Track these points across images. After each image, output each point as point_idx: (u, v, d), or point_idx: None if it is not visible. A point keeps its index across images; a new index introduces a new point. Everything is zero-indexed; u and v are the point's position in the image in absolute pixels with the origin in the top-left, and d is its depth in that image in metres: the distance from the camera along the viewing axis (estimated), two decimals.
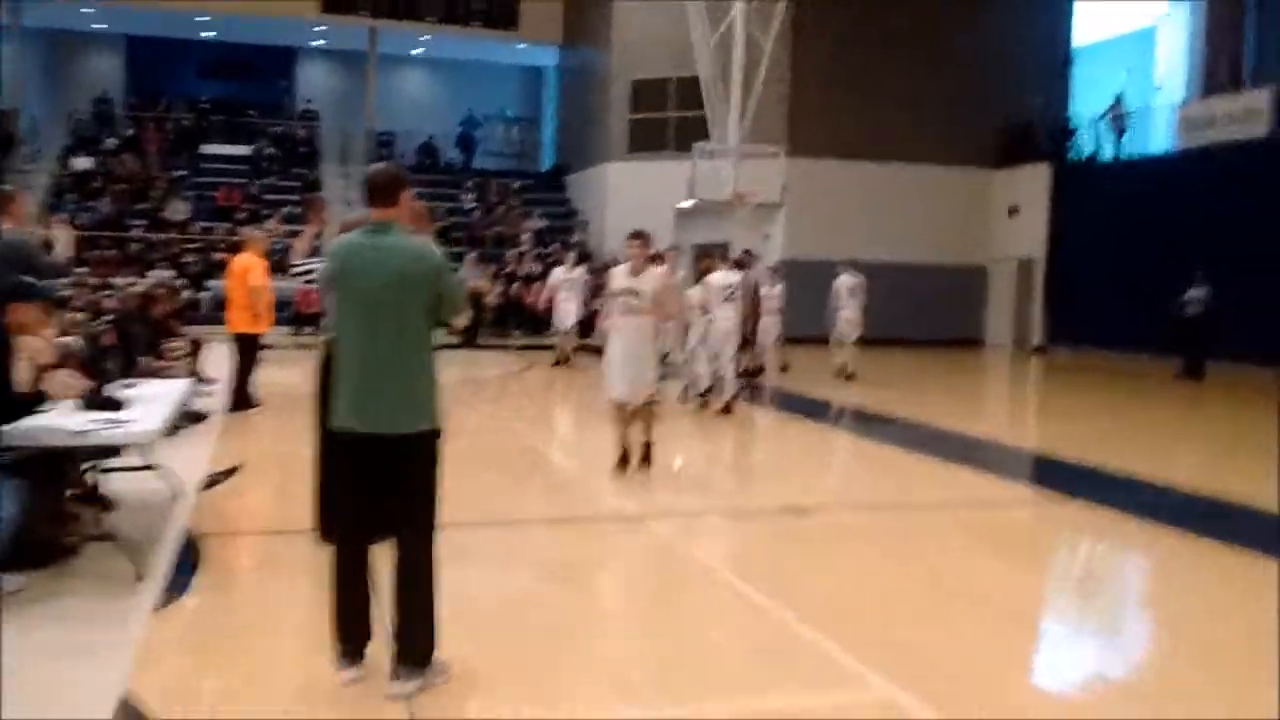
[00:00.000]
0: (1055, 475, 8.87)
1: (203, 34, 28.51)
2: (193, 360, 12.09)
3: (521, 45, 28.95)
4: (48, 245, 6.71)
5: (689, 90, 22.45)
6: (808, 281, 21.65)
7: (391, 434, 3.79)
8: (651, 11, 23.60)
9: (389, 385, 3.80)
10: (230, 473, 7.60)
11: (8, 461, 4.57)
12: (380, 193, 3.89)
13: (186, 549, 5.64)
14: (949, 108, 23.38)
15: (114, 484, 6.31)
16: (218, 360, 11.86)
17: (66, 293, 7.95)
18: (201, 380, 11.97)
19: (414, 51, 30.16)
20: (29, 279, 4.85)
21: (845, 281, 16.05)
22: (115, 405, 5.29)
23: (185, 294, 21.10)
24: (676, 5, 21.28)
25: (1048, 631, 5.12)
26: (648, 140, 24.14)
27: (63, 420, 4.86)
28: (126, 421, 4.92)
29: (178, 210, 24.07)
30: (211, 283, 21.79)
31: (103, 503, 5.81)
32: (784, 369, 16.05)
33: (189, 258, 22.64)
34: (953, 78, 23.36)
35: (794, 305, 17.33)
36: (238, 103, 28.71)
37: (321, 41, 29.63)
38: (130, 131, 26.81)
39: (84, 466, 5.50)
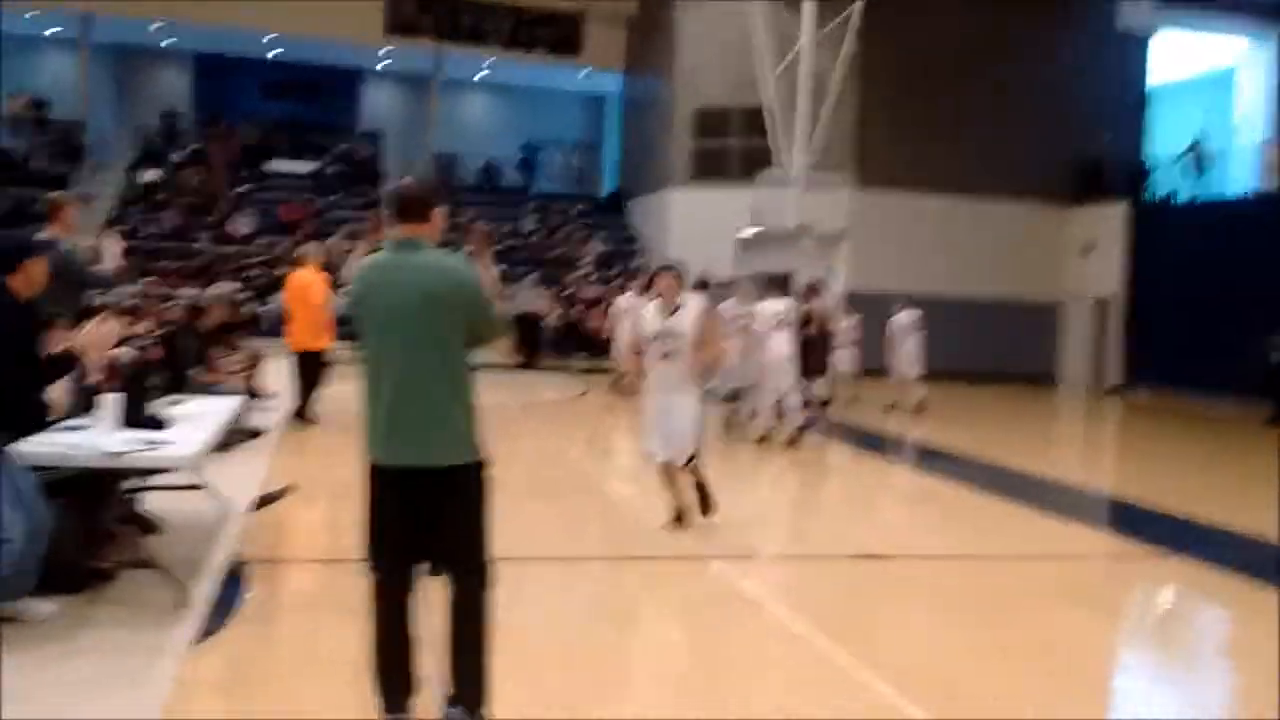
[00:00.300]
0: (1140, 524, 8.28)
1: (269, 53, 28.75)
2: (251, 375, 11.90)
3: (584, 72, 28.87)
4: (96, 256, 6.44)
5: (752, 119, 22.13)
6: (871, 314, 21.21)
7: (426, 467, 3.46)
8: (715, 40, 23.35)
9: (422, 415, 3.47)
10: (282, 494, 7.31)
11: (40, 482, 4.28)
12: (410, 208, 3.56)
13: (232, 576, 5.33)
14: (1020, 142, 22.81)
15: (159, 504, 6.03)
16: (279, 375, 11.66)
17: (132, 302, 7.75)
18: (258, 395, 11.79)
19: (477, 76, 30.19)
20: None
21: (902, 319, 15.65)
22: (157, 424, 5.00)
23: (247, 308, 21.21)
24: (742, 34, 21.01)
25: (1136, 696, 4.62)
26: (710, 168, 23.84)
27: (99, 439, 4.57)
28: (166, 443, 4.62)
29: (242, 224, 24.18)
30: (274, 297, 21.82)
31: (143, 525, 5.51)
32: (852, 401, 15.61)
33: (253, 271, 22.68)
34: (1024, 111, 22.81)
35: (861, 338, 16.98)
36: (302, 123, 28.88)
37: (386, 64, 29.76)
38: (197, 146, 27.04)
39: (125, 487, 5.19)
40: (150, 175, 25.06)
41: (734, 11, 21.55)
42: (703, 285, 12.49)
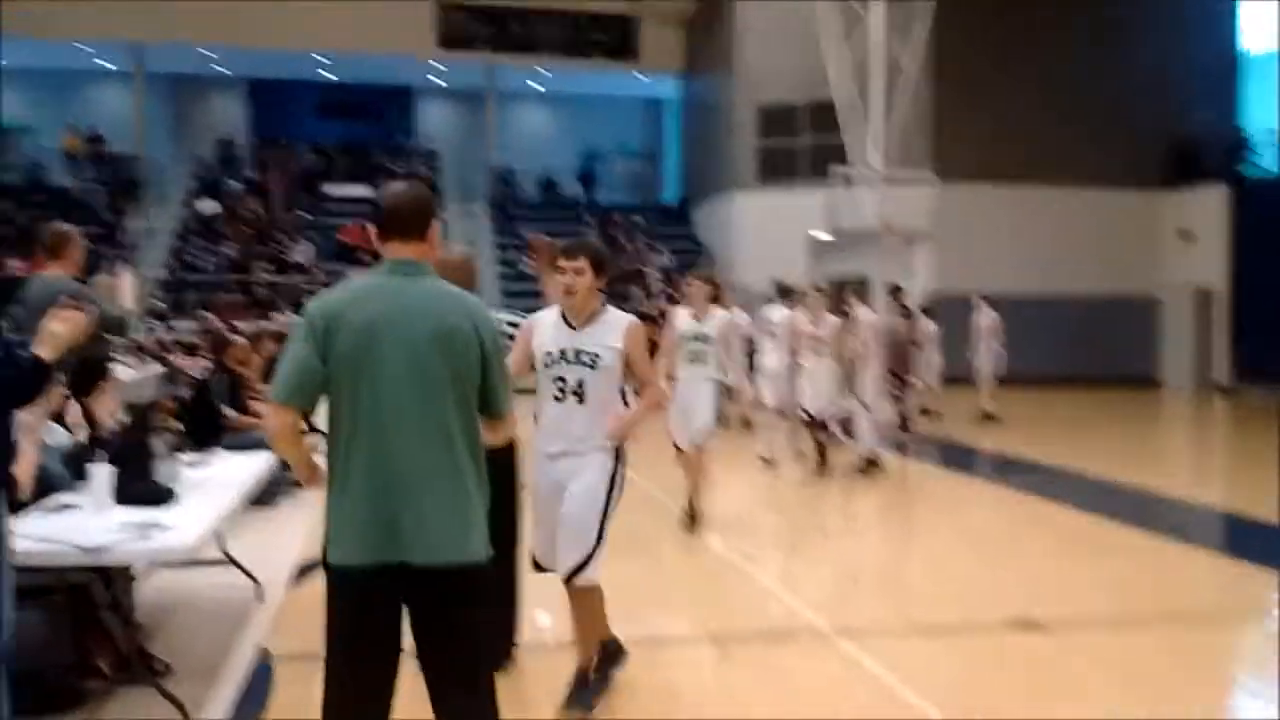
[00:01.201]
0: None
1: (322, 75, 28.35)
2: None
3: (642, 77, 28.00)
4: (110, 296, 5.68)
5: (821, 115, 21.05)
6: (956, 317, 20.00)
7: (429, 565, 2.62)
8: (779, 34, 22.29)
9: (426, 494, 2.63)
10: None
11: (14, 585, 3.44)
12: (404, 221, 2.75)
13: (259, 674, 4.47)
14: (1106, 125, 21.42)
15: (178, 581, 5.21)
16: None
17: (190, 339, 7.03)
18: (312, 433, 11.04)
19: (532, 87, 29.50)
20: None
21: (981, 320, 14.64)
22: (159, 498, 4.16)
23: None
24: (805, 28, 19.94)
25: None
26: (777, 169, 22.78)
27: (81, 525, 3.72)
28: (163, 527, 3.75)
29: (301, 252, 23.70)
30: None
31: (136, 625, 4.66)
32: (931, 413, 14.51)
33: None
34: (1110, 92, 21.42)
35: (941, 343, 15.90)
36: (358, 143, 28.44)
37: (439, 80, 29.22)
38: (253, 174, 26.69)
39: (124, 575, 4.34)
40: (207, 206, 24.71)
41: (798, 3, 20.49)
42: (785, 292, 11.53)
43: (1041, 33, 21.23)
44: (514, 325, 4.59)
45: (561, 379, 4.02)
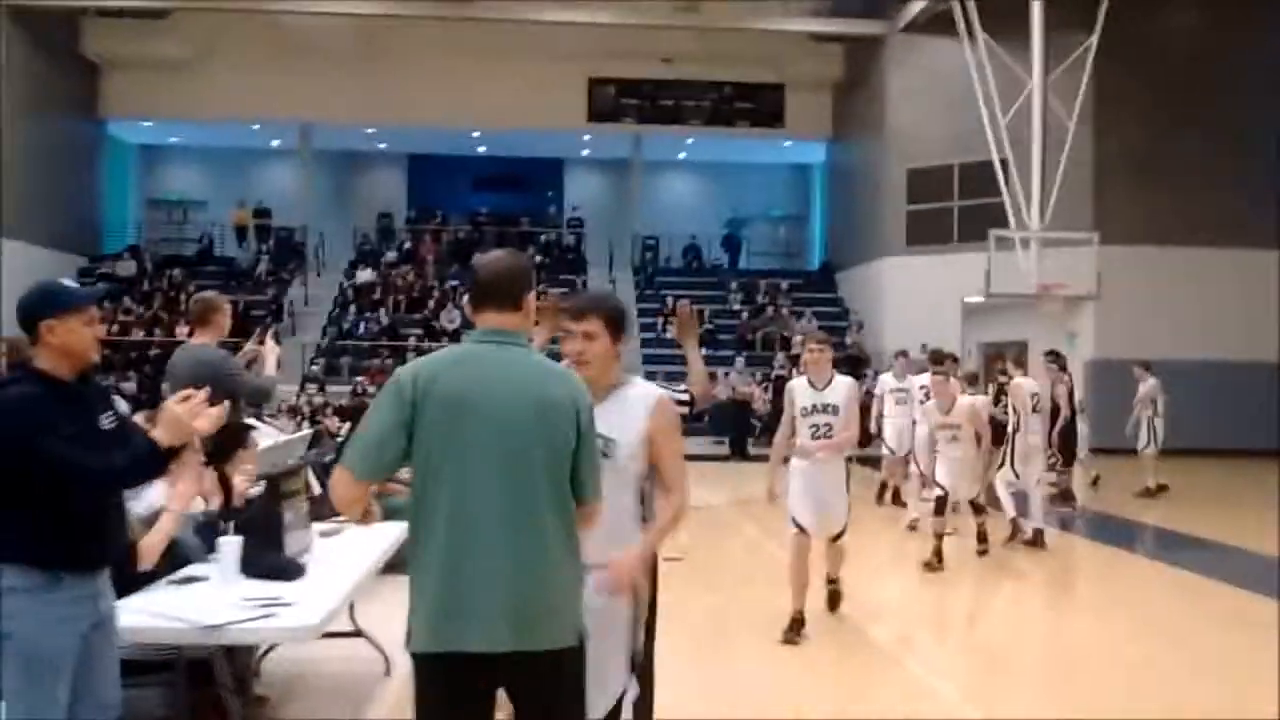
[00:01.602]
0: None
1: (477, 150, 29.24)
2: None
3: (788, 143, 27.89)
4: (250, 363, 5.73)
5: (973, 177, 20.49)
6: (1118, 385, 18.96)
7: (528, 652, 2.47)
8: (928, 96, 21.86)
9: (525, 576, 2.49)
10: None
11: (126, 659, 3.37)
12: (498, 290, 2.65)
13: None
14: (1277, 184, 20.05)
15: (306, 652, 5.11)
16: None
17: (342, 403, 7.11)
18: None
19: (678, 155, 29.74)
20: None
21: (1150, 386, 13.74)
22: (287, 573, 4.06)
23: None
24: (956, 89, 19.46)
25: None
26: (927, 232, 22.19)
27: (205, 601, 3.63)
28: (285, 605, 3.63)
29: (451, 319, 24.26)
30: None
31: (259, 700, 4.56)
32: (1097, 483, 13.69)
33: None
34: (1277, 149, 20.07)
35: (1104, 412, 15.03)
36: (509, 214, 29.12)
37: (587, 151, 29.76)
38: (409, 244, 27.58)
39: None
40: (364, 275, 25.61)
41: (949, 65, 20.06)
42: (938, 359, 10.99)
43: (1207, 89, 20.12)
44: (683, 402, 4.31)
45: None
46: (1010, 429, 9.95)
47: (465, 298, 2.77)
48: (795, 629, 6.23)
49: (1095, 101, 19.00)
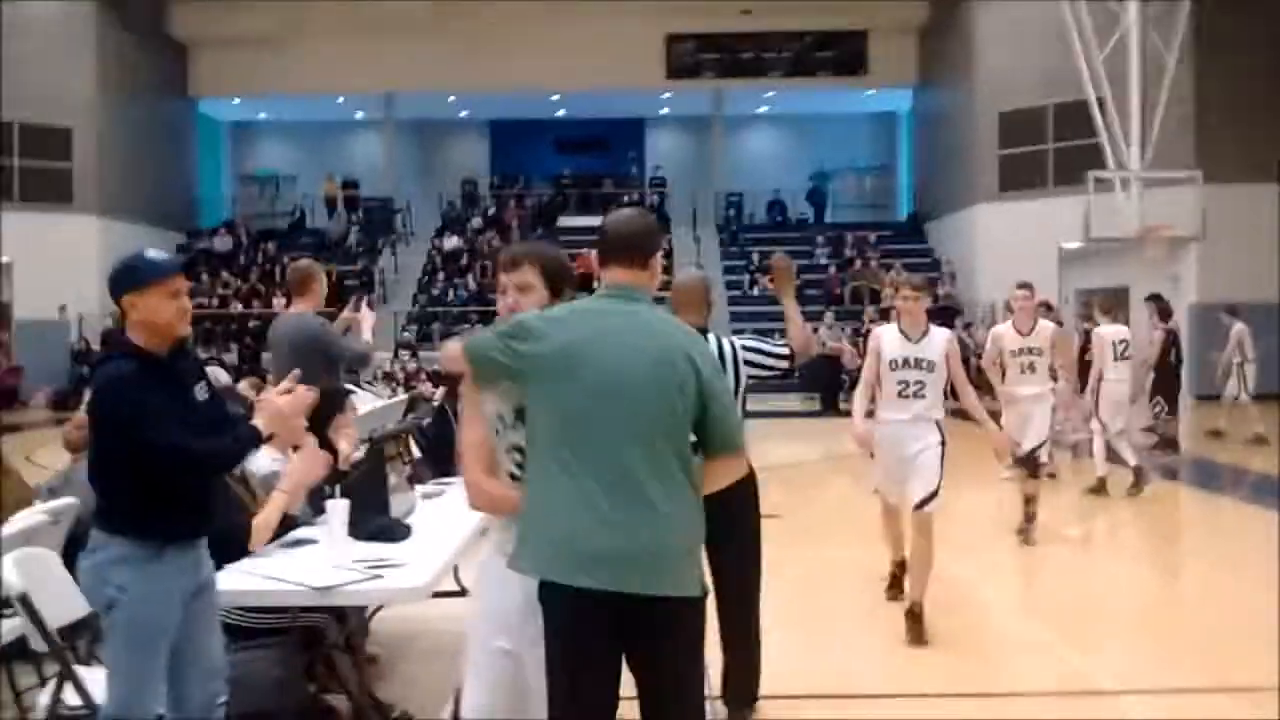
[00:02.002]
0: None
1: (557, 113, 29.22)
2: None
3: (871, 92, 27.30)
4: (346, 330, 5.81)
5: (1068, 117, 19.80)
6: (1218, 330, 18.24)
7: (645, 596, 2.48)
8: (1020, 35, 21.11)
9: (647, 523, 2.49)
10: None
11: (230, 624, 3.46)
12: (627, 247, 2.66)
13: None
14: None
15: (415, 613, 5.19)
16: None
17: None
18: None
19: (760, 110, 29.33)
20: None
21: (1238, 331, 13.30)
22: (394, 535, 4.11)
23: None
24: (1048, 28, 18.74)
25: None
26: (1021, 177, 21.54)
27: (315, 564, 3.69)
28: (394, 565, 3.68)
29: None
30: None
31: (370, 659, 4.64)
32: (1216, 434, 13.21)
33: None
34: None
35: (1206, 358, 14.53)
36: (591, 175, 29.10)
37: (666, 110, 29.53)
38: (493, 210, 27.77)
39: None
40: (451, 242, 25.87)
41: (1041, 3, 19.34)
42: (1046, 307, 10.62)
43: None
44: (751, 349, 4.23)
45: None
46: (1094, 378, 9.53)
47: (592, 253, 2.69)
48: (897, 584, 5.93)
49: (1194, 35, 18.15)
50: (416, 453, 7.94)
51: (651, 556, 2.49)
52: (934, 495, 5.33)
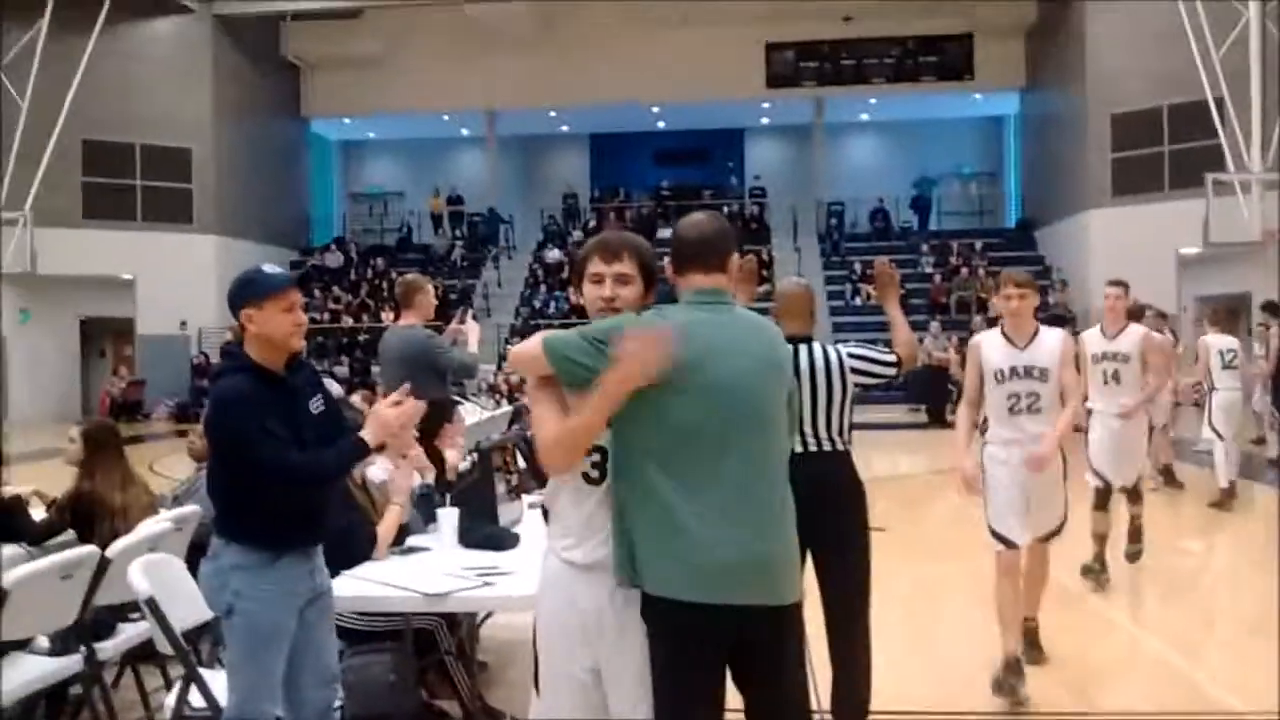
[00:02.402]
0: None
1: (656, 125, 29.35)
2: None
3: (977, 96, 26.75)
4: (453, 343, 5.90)
5: (1184, 118, 19.11)
6: None
7: (770, 607, 2.46)
8: (1133, 34, 20.45)
9: (766, 531, 2.48)
10: None
11: (346, 628, 3.53)
12: (706, 251, 2.60)
13: None
14: None
15: (525, 621, 5.23)
16: None
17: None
18: None
19: (861, 117, 29.00)
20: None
21: None
22: (502, 543, 4.15)
23: None
24: (1162, 26, 18.14)
25: None
26: (1134, 181, 20.84)
27: (427, 570, 3.75)
28: (504, 574, 3.72)
29: None
30: None
31: (480, 666, 4.69)
32: None
33: None
34: None
35: None
36: (691, 187, 29.12)
37: (766, 119, 29.40)
38: (593, 223, 27.99)
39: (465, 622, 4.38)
40: (552, 255, 26.16)
41: (1154, 2, 18.73)
42: (1138, 314, 10.33)
43: None
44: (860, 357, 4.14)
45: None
46: (1207, 388, 9.61)
47: (669, 261, 2.67)
48: (1013, 671, 4.63)
49: None
50: (521, 463, 8.03)
51: (773, 566, 2.48)
52: (1058, 530, 4.93)
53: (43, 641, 4.00)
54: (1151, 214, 19.64)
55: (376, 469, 4.36)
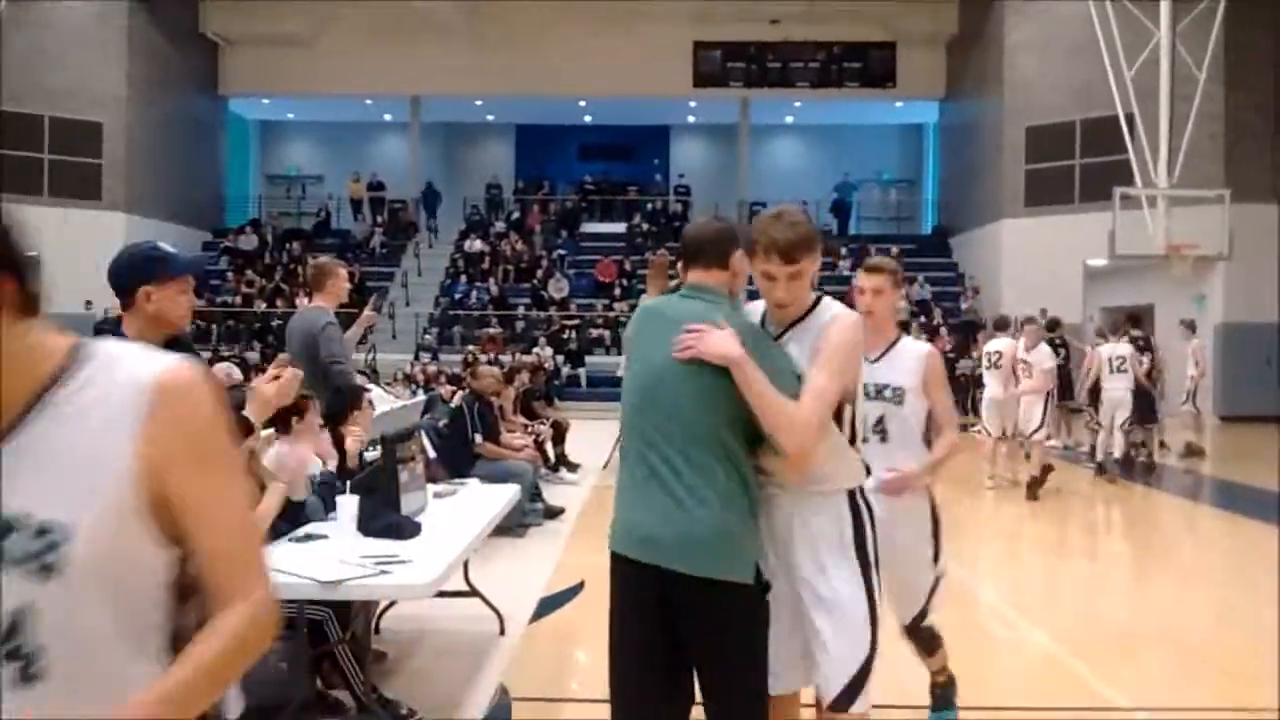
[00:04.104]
0: None
1: (583, 119, 29.29)
2: (555, 445, 11.31)
3: (899, 104, 27.22)
4: (366, 333, 5.80)
5: (1096, 133, 19.68)
6: (1251, 350, 18.12)
7: (685, 575, 2.58)
8: (1050, 49, 21.02)
9: (682, 504, 2.60)
10: (571, 595, 6.30)
11: None
12: (706, 249, 2.82)
13: (498, 713, 4.33)
14: None
15: (424, 611, 5.18)
16: (593, 444, 10.96)
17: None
18: (562, 467, 11.16)
19: (786, 119, 29.30)
20: None
21: (1199, 346, 14.07)
22: (403, 532, 4.11)
23: (564, 371, 21.32)
24: (1079, 42, 18.66)
25: None
26: (1047, 193, 21.40)
27: (324, 558, 3.69)
28: (400, 562, 3.67)
29: (559, 287, 24.43)
30: (591, 359, 21.84)
31: (376, 656, 4.64)
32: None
33: (567, 334, 22.78)
34: None
35: (1234, 378, 14.34)
36: (616, 182, 29.14)
37: (693, 118, 29.54)
38: (516, 214, 27.84)
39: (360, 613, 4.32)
40: (474, 245, 25.94)
41: (1070, 15, 19.26)
42: (1002, 325, 11.54)
43: None
44: None
45: None
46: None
47: (679, 262, 2.91)
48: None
49: (1226, 53, 18.04)
50: (432, 453, 7.97)
51: (694, 539, 2.58)
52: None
53: None
54: (1062, 225, 20.19)
55: (271, 452, 4.28)
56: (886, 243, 26.13)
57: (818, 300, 2.90)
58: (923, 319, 22.00)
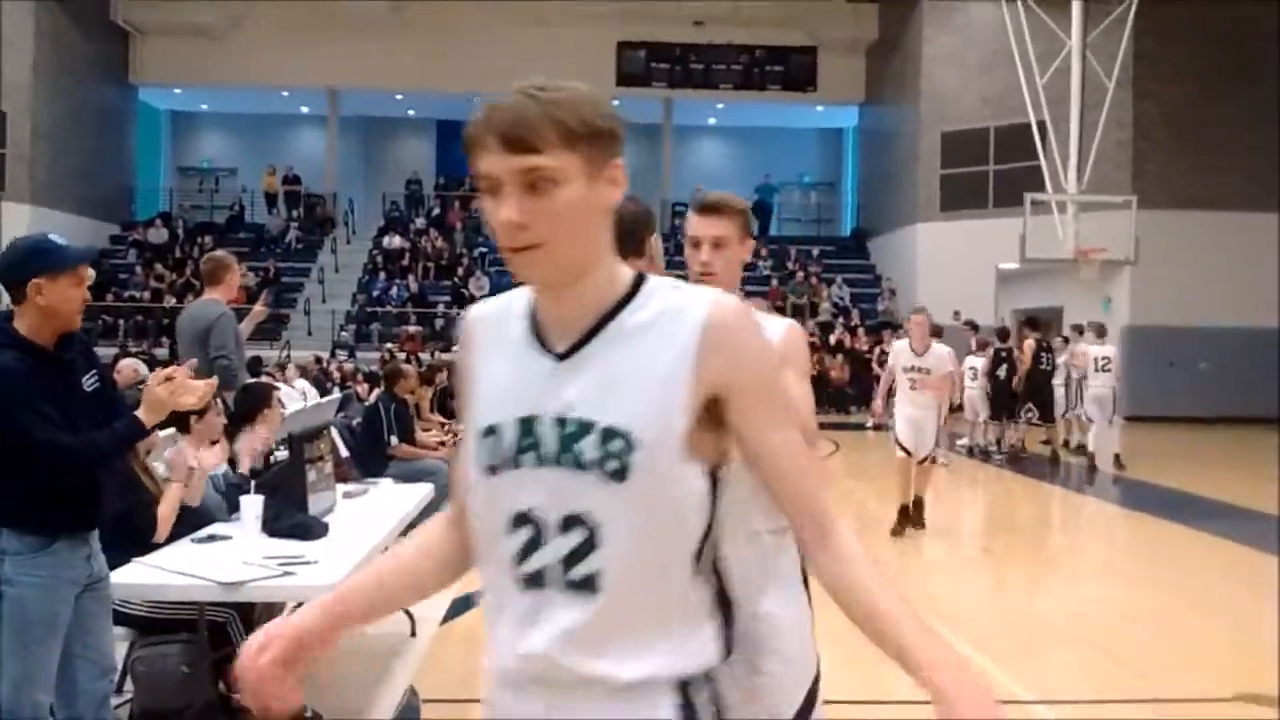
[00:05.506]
0: None
1: None
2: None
3: (820, 107, 27.56)
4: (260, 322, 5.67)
5: (1009, 140, 20.13)
6: (1156, 352, 18.70)
7: None
8: (965, 57, 21.48)
9: None
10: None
11: (137, 617, 3.35)
12: (620, 236, 2.51)
13: (407, 715, 4.26)
14: None
15: None
16: None
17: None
18: None
19: (708, 121, 29.47)
20: None
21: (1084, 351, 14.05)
22: (309, 532, 4.02)
23: None
24: (993, 51, 19.10)
25: None
26: (962, 197, 21.84)
27: (226, 559, 3.59)
28: (304, 563, 3.59)
29: (480, 285, 24.23)
30: None
31: None
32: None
33: None
34: None
35: (1140, 380, 14.78)
36: None
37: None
38: (436, 210, 27.54)
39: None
40: (393, 242, 25.61)
41: (985, 25, 19.70)
42: (973, 326, 11.45)
43: (1247, 51, 19.54)
44: None
45: None
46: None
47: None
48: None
49: (1135, 63, 18.59)
50: (345, 452, 7.83)
51: None
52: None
53: None
54: (975, 229, 20.61)
55: (170, 452, 4.15)
56: (806, 244, 26.47)
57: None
58: (840, 319, 22.30)
